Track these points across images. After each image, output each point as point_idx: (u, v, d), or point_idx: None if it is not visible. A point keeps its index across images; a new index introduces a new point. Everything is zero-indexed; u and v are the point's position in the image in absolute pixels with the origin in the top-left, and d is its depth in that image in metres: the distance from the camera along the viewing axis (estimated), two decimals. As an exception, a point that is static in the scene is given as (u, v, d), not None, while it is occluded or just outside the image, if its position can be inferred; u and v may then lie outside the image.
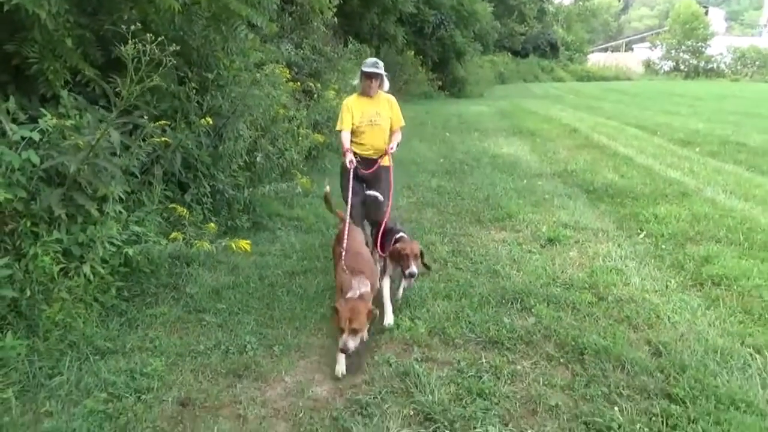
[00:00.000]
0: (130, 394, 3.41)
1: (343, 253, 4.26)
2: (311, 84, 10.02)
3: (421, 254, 4.75)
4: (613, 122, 17.48)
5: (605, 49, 72.91)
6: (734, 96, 30.69)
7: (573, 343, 4.06)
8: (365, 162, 5.34)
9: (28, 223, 3.93)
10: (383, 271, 4.81)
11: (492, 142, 13.48)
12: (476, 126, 16.46)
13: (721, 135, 14.26)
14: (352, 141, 5.29)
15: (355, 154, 5.27)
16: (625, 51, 71.80)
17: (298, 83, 9.31)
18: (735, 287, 5.02)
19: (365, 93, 5.32)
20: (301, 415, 3.32)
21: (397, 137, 5.43)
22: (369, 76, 5.21)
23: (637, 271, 5.44)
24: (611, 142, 13.16)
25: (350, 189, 5.05)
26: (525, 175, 9.70)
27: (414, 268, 4.54)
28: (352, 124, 5.26)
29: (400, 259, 4.63)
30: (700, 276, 5.29)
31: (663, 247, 6.09)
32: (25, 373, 3.49)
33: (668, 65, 62.23)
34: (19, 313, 3.75)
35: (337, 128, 5.37)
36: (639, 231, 6.64)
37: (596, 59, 63.98)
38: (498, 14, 36.64)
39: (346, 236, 4.42)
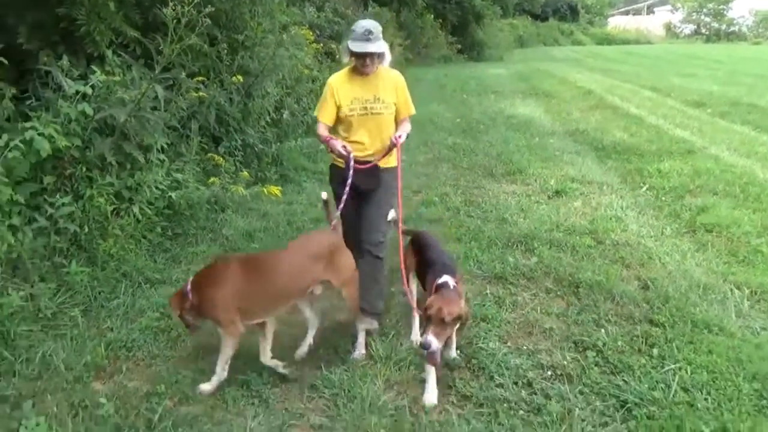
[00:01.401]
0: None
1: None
2: (333, 46, 10.28)
3: (462, 321, 3.05)
4: (628, 85, 17.46)
5: (626, 13, 71.29)
6: (753, 59, 30.11)
7: (570, 278, 4.41)
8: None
9: (84, 169, 4.36)
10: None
11: (508, 103, 13.66)
12: (493, 88, 16.58)
13: (733, 96, 14.25)
14: (342, 138, 3.73)
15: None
16: (647, 14, 70.23)
17: (321, 45, 9.58)
18: (725, 234, 5.31)
19: (359, 71, 3.67)
20: (329, 333, 3.75)
21: (406, 127, 3.80)
22: (362, 57, 3.56)
23: (636, 219, 5.75)
24: (624, 104, 13.26)
25: (344, 194, 3.57)
26: (537, 134, 9.94)
27: (430, 339, 2.87)
28: (338, 114, 3.68)
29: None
30: (694, 224, 5.57)
31: (663, 198, 6.37)
32: (87, 296, 3.96)
33: (689, 28, 60.89)
34: (79, 246, 4.21)
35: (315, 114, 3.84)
36: (642, 185, 6.91)
37: (617, 23, 62.72)
38: (518, -23, 36.17)
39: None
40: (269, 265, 3.35)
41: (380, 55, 3.64)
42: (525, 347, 3.56)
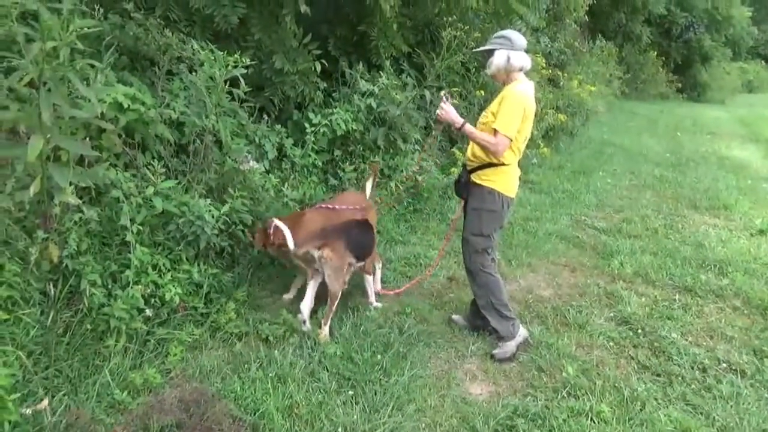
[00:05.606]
0: (418, 267, 4.81)
1: None
2: (558, 73, 10.79)
3: None
4: None
5: None
6: None
7: (759, 302, 4.58)
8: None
9: (362, 148, 5.50)
10: None
11: (723, 145, 13.01)
12: (710, 129, 15.76)
13: None
14: None
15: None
16: None
17: (549, 71, 10.18)
18: None
19: None
20: (531, 304, 4.43)
21: (484, 136, 3.45)
22: None
23: None
24: None
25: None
26: (751, 177, 9.53)
27: None
28: None
29: None
30: None
31: None
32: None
33: None
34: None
35: None
36: None
37: None
38: (757, 19, 32.96)
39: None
40: None
41: (489, 57, 3.50)
42: (704, 344, 3.93)
